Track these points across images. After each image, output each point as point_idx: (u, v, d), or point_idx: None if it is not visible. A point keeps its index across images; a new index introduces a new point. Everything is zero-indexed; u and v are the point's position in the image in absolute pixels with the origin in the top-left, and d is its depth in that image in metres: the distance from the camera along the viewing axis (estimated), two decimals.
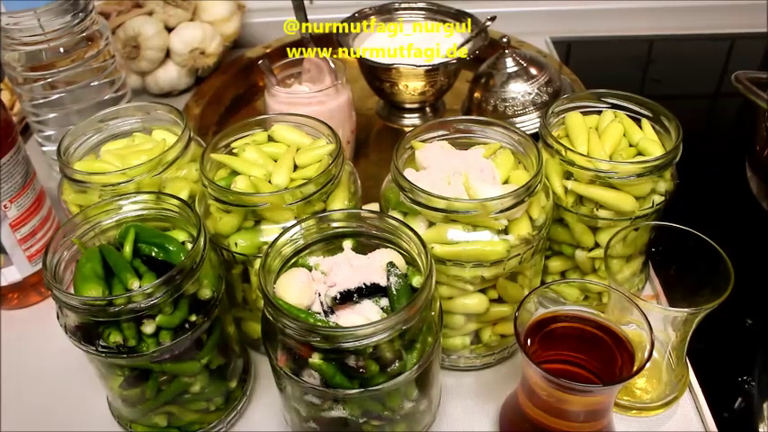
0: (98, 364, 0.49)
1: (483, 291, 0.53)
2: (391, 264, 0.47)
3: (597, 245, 0.57)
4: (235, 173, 0.53)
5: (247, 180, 0.52)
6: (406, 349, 0.44)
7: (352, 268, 0.46)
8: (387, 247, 0.49)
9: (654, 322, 0.55)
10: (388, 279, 0.46)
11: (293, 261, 0.48)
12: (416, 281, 0.46)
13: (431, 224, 0.51)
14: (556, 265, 0.60)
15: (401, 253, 0.48)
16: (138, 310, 0.44)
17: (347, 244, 0.49)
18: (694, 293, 0.51)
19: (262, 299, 0.43)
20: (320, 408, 0.46)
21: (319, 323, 0.44)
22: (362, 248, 0.49)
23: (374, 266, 0.47)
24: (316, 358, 0.42)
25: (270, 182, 0.52)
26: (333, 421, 0.47)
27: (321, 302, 0.46)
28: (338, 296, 0.45)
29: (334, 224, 0.49)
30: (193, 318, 0.47)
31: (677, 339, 0.52)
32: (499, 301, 0.54)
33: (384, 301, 0.46)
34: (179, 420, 0.52)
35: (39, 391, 0.59)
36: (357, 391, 0.43)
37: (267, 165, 0.53)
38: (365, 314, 0.45)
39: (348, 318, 0.45)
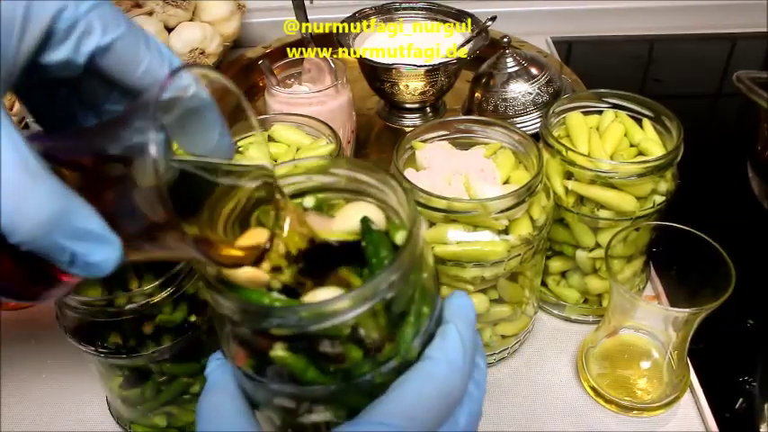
0: (98, 365, 0.49)
1: (483, 291, 0.52)
2: (366, 219, 0.36)
3: (598, 245, 0.56)
4: None
5: None
6: (395, 326, 0.33)
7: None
8: (358, 200, 0.39)
9: (655, 322, 0.55)
10: (363, 238, 0.36)
11: None
12: (400, 236, 0.35)
13: (431, 224, 0.51)
14: (556, 265, 0.60)
15: (378, 206, 0.38)
16: (138, 310, 0.44)
17: (308, 202, 0.39)
18: (695, 294, 0.51)
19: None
20: (296, 413, 0.35)
21: (277, 303, 0.33)
22: (328, 206, 0.39)
23: (344, 225, 0.37)
24: (278, 350, 0.31)
25: None
26: (314, 427, 0.35)
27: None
28: (304, 265, 0.35)
29: (291, 180, 0.39)
30: (193, 318, 0.47)
31: (678, 339, 0.52)
32: (499, 301, 0.54)
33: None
34: (179, 421, 0.52)
35: (38, 391, 0.59)
36: (337, 386, 0.32)
37: None
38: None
39: (317, 292, 0.34)
